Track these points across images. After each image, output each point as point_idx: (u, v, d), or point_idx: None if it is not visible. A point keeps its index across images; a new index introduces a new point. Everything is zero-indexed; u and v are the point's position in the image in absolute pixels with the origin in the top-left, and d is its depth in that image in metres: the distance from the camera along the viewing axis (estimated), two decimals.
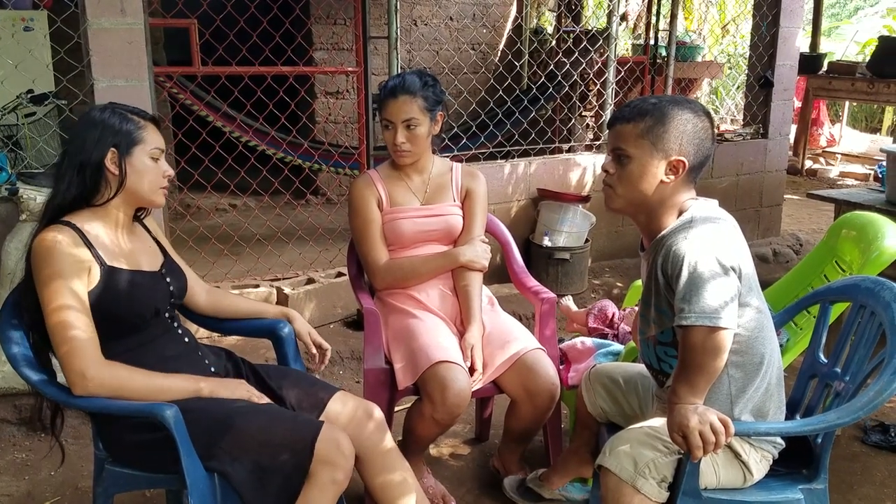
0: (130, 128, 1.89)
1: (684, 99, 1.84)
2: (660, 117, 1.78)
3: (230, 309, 2.29)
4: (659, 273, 1.77)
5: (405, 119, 2.42)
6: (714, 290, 1.64)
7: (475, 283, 2.53)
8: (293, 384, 2.10)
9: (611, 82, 4.71)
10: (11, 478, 2.75)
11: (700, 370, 1.66)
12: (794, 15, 5.32)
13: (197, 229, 4.06)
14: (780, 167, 5.56)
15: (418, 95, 2.42)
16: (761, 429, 1.76)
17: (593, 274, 4.66)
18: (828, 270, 2.64)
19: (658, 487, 1.73)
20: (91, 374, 1.75)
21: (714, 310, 1.64)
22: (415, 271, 2.53)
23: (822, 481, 1.85)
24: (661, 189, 1.80)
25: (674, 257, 1.71)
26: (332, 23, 6.56)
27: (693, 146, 1.79)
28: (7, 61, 3.44)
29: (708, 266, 1.66)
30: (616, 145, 1.83)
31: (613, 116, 1.86)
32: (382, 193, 2.54)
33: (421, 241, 2.56)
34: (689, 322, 1.65)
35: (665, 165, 1.79)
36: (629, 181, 1.82)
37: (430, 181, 2.59)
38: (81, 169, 1.86)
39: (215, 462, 1.81)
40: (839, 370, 1.95)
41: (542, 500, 2.43)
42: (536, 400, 2.38)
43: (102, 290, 1.84)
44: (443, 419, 2.27)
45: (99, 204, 1.89)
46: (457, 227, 2.58)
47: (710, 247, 1.69)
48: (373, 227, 2.52)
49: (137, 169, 1.90)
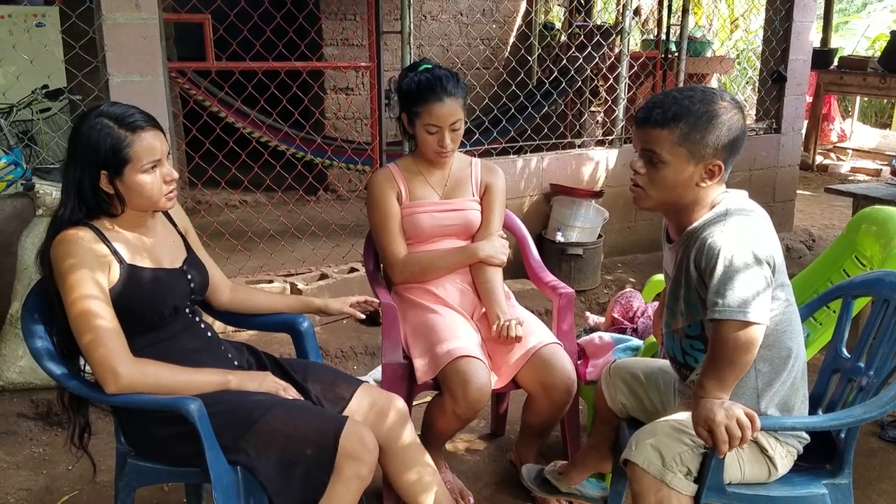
0: (116, 145, 1.78)
1: (716, 93, 1.76)
2: (696, 122, 1.72)
3: (254, 304, 2.29)
4: (692, 266, 1.74)
5: (453, 122, 2.41)
6: (748, 284, 1.62)
7: (496, 279, 2.53)
8: (316, 378, 2.10)
9: (623, 77, 4.70)
10: (29, 472, 2.75)
11: (731, 365, 1.65)
12: (808, 9, 5.30)
13: (211, 225, 4.05)
14: (793, 162, 5.54)
15: (459, 96, 2.42)
16: (787, 423, 1.75)
17: (606, 269, 4.65)
18: (847, 265, 2.62)
19: (687, 481, 1.72)
20: (123, 370, 1.75)
21: (748, 304, 1.61)
22: (433, 265, 2.53)
23: (846, 476, 1.84)
24: (696, 191, 1.77)
25: (709, 250, 1.68)
26: (343, 18, 6.56)
27: (729, 147, 1.75)
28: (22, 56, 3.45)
29: (743, 259, 1.64)
30: (649, 147, 1.77)
31: (644, 116, 1.78)
32: (402, 187, 2.53)
33: (439, 235, 2.56)
34: (723, 316, 1.63)
35: (702, 170, 1.75)
36: (662, 185, 1.78)
37: (450, 176, 2.59)
38: (80, 191, 1.81)
39: (241, 455, 1.81)
40: (862, 365, 1.94)
41: (559, 492, 2.43)
42: (553, 394, 2.37)
43: (122, 288, 1.83)
44: (464, 414, 2.27)
45: (114, 215, 1.87)
46: (475, 221, 2.58)
47: (746, 239, 1.67)
48: (392, 220, 2.52)
49: (132, 187, 1.82)
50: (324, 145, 4.98)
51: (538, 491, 2.46)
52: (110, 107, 1.84)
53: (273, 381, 1.98)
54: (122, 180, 1.81)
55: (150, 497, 2.56)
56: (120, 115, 1.81)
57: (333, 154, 5.08)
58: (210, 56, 3.59)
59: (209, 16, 3.57)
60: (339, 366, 3.62)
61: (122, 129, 1.79)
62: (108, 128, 1.78)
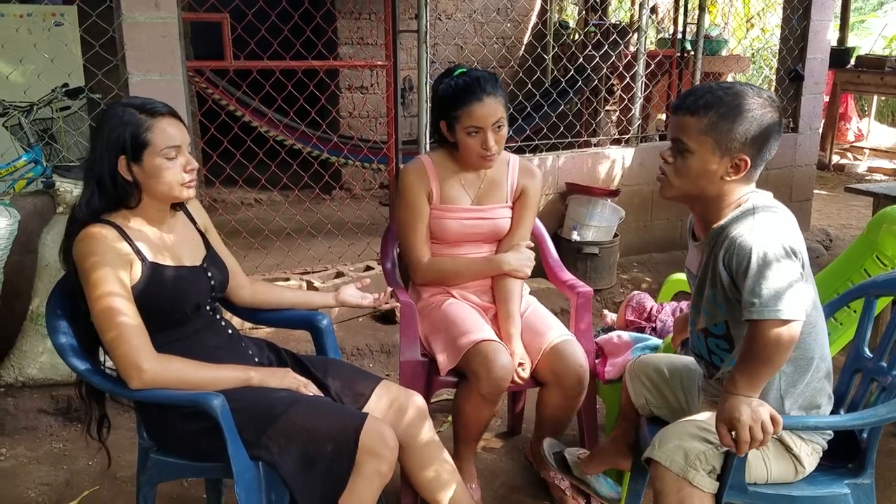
0: (135, 130, 1.82)
1: (753, 90, 1.74)
2: (726, 112, 1.70)
3: (276, 300, 2.31)
4: (720, 265, 1.72)
5: (496, 121, 2.32)
6: (784, 281, 1.60)
7: (514, 291, 2.48)
8: (336, 374, 2.11)
9: (640, 75, 4.68)
10: (50, 467, 2.78)
11: (767, 363, 1.63)
12: (825, 8, 5.26)
13: (228, 223, 4.07)
14: (810, 162, 5.51)
15: (499, 95, 2.33)
16: (810, 423, 1.75)
17: (622, 269, 4.64)
18: (868, 265, 2.60)
19: (710, 479, 1.71)
20: (147, 366, 1.77)
21: (785, 302, 1.60)
22: (457, 273, 2.51)
23: (869, 476, 1.83)
24: (720, 185, 1.76)
25: (739, 249, 1.66)
26: (358, 17, 6.57)
27: (758, 144, 1.73)
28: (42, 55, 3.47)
29: (776, 256, 1.62)
30: (676, 136, 1.77)
31: (677, 104, 1.78)
32: (434, 187, 2.46)
33: (466, 240, 2.52)
34: (761, 316, 1.61)
35: (728, 163, 1.74)
36: (687, 175, 1.77)
37: (485, 178, 2.50)
38: (99, 182, 1.84)
39: (263, 451, 1.82)
40: (885, 365, 1.93)
41: (570, 474, 2.44)
42: (565, 383, 2.36)
43: (144, 286, 1.85)
44: (489, 393, 2.27)
45: (131, 206, 1.89)
46: (505, 229, 2.52)
47: (776, 236, 1.65)
48: (420, 221, 2.46)
49: (151, 173, 1.85)
50: (340, 144, 4.99)
51: (551, 463, 2.47)
52: (132, 98, 1.90)
53: (294, 378, 1.99)
54: (141, 165, 1.83)
55: (170, 492, 2.57)
56: (140, 104, 1.86)
57: (349, 153, 5.10)
58: (228, 55, 3.61)
59: (227, 15, 3.59)
60: (356, 363, 3.61)
61: (143, 114, 1.84)
62: (130, 114, 1.83)
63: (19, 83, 3.85)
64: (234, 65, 3.69)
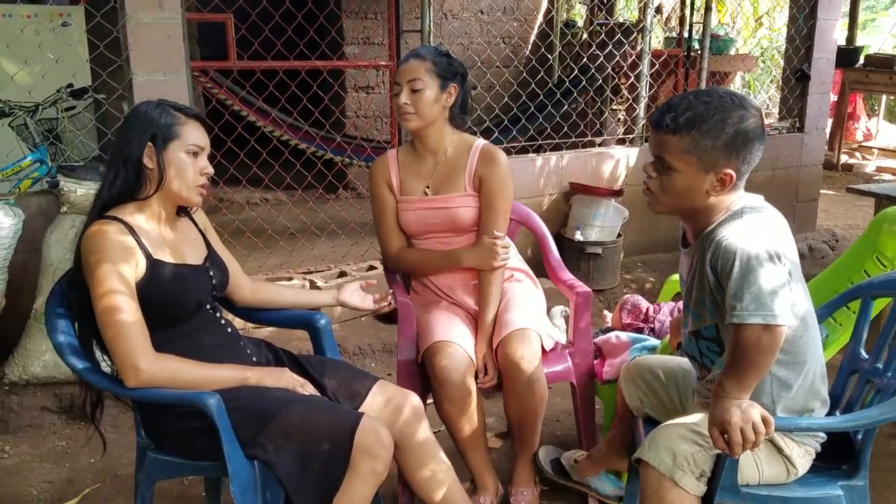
0: (169, 121, 1.92)
1: (733, 99, 1.72)
2: (708, 129, 1.69)
3: (276, 299, 2.33)
4: (708, 269, 1.72)
5: (410, 79, 2.38)
6: (767, 284, 1.60)
7: (491, 285, 2.44)
8: (333, 374, 2.12)
9: (645, 75, 4.68)
10: (52, 465, 2.80)
11: (752, 367, 1.63)
12: (832, 7, 5.24)
13: (232, 222, 4.10)
14: (816, 161, 5.48)
15: (427, 59, 2.40)
16: (802, 424, 1.75)
17: (625, 269, 4.63)
18: (868, 266, 2.59)
19: (696, 481, 1.72)
20: (144, 366, 1.79)
21: (768, 306, 1.59)
22: (419, 265, 2.58)
23: (863, 478, 1.83)
24: (707, 198, 1.75)
25: (724, 252, 1.66)
26: (363, 17, 6.58)
27: (742, 155, 1.72)
28: (48, 55, 3.50)
29: (759, 261, 1.61)
30: (659, 153, 1.76)
31: (657, 120, 1.76)
32: (394, 179, 2.53)
33: (427, 232, 2.52)
34: (742, 320, 1.61)
35: (713, 178, 1.73)
36: (673, 192, 1.76)
37: (441, 165, 2.50)
38: (125, 164, 1.90)
39: (259, 450, 1.83)
40: (881, 366, 1.92)
41: (570, 480, 2.43)
42: (513, 381, 2.30)
43: (148, 282, 1.87)
44: (445, 396, 2.28)
45: (142, 198, 1.92)
46: (464, 219, 2.47)
47: (760, 239, 1.65)
48: (385, 212, 2.54)
49: (173, 164, 1.91)
50: (343, 144, 5.01)
51: (550, 472, 2.46)
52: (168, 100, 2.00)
53: (291, 378, 2.00)
54: (165, 154, 1.90)
55: (170, 490, 2.60)
56: (176, 104, 1.98)
57: (353, 152, 5.11)
58: (232, 55, 3.63)
59: (231, 15, 3.61)
60: (357, 363, 3.65)
61: (178, 112, 1.95)
62: (167, 109, 1.94)
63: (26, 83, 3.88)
64: (238, 65, 3.72)
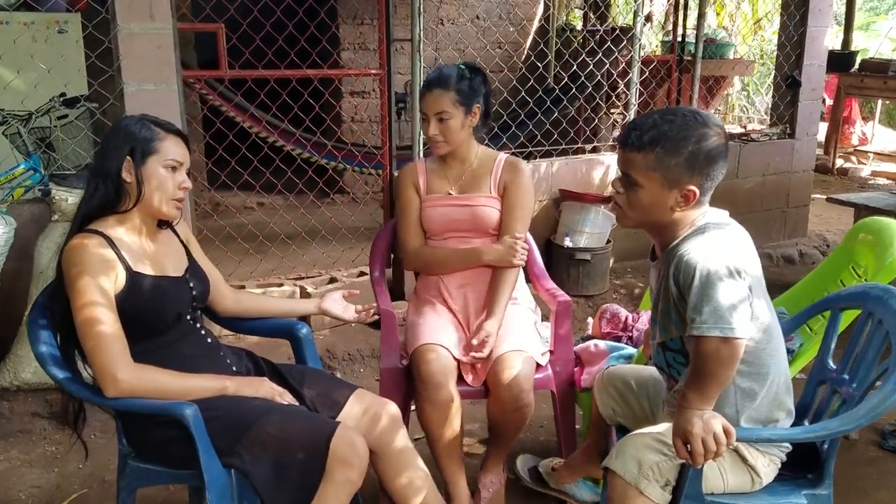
0: (148, 136, 1.95)
1: (696, 118, 1.76)
2: (672, 148, 1.73)
3: (259, 309, 2.38)
4: (671, 282, 1.77)
5: (437, 112, 2.48)
6: (726, 298, 1.64)
7: (504, 282, 2.52)
8: (312, 383, 2.16)
9: (635, 82, 4.71)
10: (41, 470, 2.85)
11: (712, 379, 1.67)
12: (823, 14, 5.27)
13: (224, 229, 4.14)
14: (807, 167, 5.51)
15: (451, 89, 2.48)
16: (764, 435, 1.78)
17: (615, 274, 4.67)
18: (844, 275, 2.63)
19: (661, 490, 1.76)
20: (122, 376, 1.83)
21: (726, 319, 1.64)
22: (438, 263, 2.60)
23: (827, 487, 1.86)
24: (672, 214, 1.80)
25: (685, 266, 1.70)
26: (360, 23, 6.63)
27: (705, 173, 1.76)
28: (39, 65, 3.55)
29: (719, 276, 1.65)
30: (626, 170, 1.81)
31: (623, 138, 1.81)
32: (421, 181, 2.63)
33: (451, 230, 2.59)
34: (700, 332, 1.66)
35: (677, 194, 1.77)
36: (639, 207, 1.81)
37: (468, 171, 2.62)
38: (104, 177, 1.94)
39: (236, 459, 1.87)
40: (847, 377, 1.96)
41: (548, 487, 2.47)
42: (502, 396, 2.34)
43: (127, 294, 1.91)
44: (429, 399, 2.32)
45: (122, 211, 1.96)
46: (488, 219, 2.57)
47: (721, 254, 1.69)
48: (408, 211, 2.63)
49: (151, 178, 1.95)
50: (334, 150, 5.05)
51: (529, 482, 2.52)
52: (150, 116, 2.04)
53: (270, 387, 2.04)
54: (144, 168, 1.94)
55: (156, 496, 2.64)
56: (158, 119, 2.02)
57: (344, 159, 5.15)
58: (223, 64, 3.67)
59: (223, 25, 3.64)
60: (347, 369, 3.69)
61: (158, 127, 1.98)
62: (147, 124, 1.98)
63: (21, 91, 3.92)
64: (229, 74, 3.75)
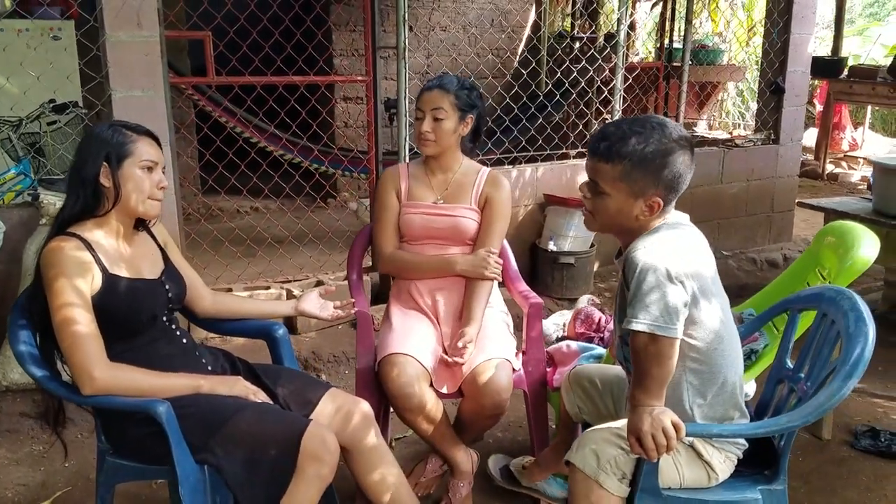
0: (121, 140, 2.02)
1: (664, 130, 1.81)
2: (638, 162, 1.79)
3: (237, 310, 2.44)
4: (624, 280, 1.84)
5: (434, 108, 2.53)
6: (659, 298, 1.70)
7: (478, 293, 2.57)
8: (286, 382, 2.22)
9: (618, 89, 4.77)
10: (28, 468, 2.90)
11: (646, 374, 1.74)
12: (806, 21, 5.34)
13: (212, 232, 4.20)
14: (791, 173, 5.58)
15: (452, 92, 2.56)
16: (714, 431, 1.84)
17: (599, 278, 4.73)
18: (811, 277, 2.69)
19: (619, 483, 1.82)
20: (98, 374, 1.89)
21: (655, 317, 1.70)
22: (411, 268, 2.64)
23: (782, 482, 1.92)
24: (637, 222, 1.86)
25: (630, 263, 1.77)
26: (352, 30, 6.71)
27: (670, 185, 1.82)
28: (29, 73, 3.61)
29: (656, 274, 1.71)
30: (593, 178, 1.88)
31: (592, 147, 1.87)
32: (403, 185, 2.67)
33: (429, 237, 2.64)
34: (629, 327, 1.73)
35: (642, 204, 1.83)
36: (605, 214, 1.88)
37: (452, 181, 2.67)
38: (83, 184, 2.00)
39: (209, 455, 1.93)
40: (803, 375, 2.02)
41: (520, 486, 2.54)
42: (482, 402, 2.40)
43: (103, 296, 1.97)
44: (399, 406, 2.38)
45: (100, 215, 2.03)
46: (467, 229, 2.62)
47: (662, 256, 1.74)
48: (386, 214, 2.66)
49: (129, 180, 2.02)
50: (321, 154, 5.11)
51: (500, 481, 2.58)
52: (121, 121, 2.11)
53: (244, 386, 2.10)
54: (121, 172, 2.01)
55: (138, 492, 2.70)
56: (128, 123, 2.09)
57: (331, 163, 5.21)
58: (210, 71, 3.73)
59: (210, 33, 3.71)
60: (332, 369, 3.75)
61: (130, 131, 2.05)
62: (119, 129, 2.05)
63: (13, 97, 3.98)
64: (216, 80, 3.82)
